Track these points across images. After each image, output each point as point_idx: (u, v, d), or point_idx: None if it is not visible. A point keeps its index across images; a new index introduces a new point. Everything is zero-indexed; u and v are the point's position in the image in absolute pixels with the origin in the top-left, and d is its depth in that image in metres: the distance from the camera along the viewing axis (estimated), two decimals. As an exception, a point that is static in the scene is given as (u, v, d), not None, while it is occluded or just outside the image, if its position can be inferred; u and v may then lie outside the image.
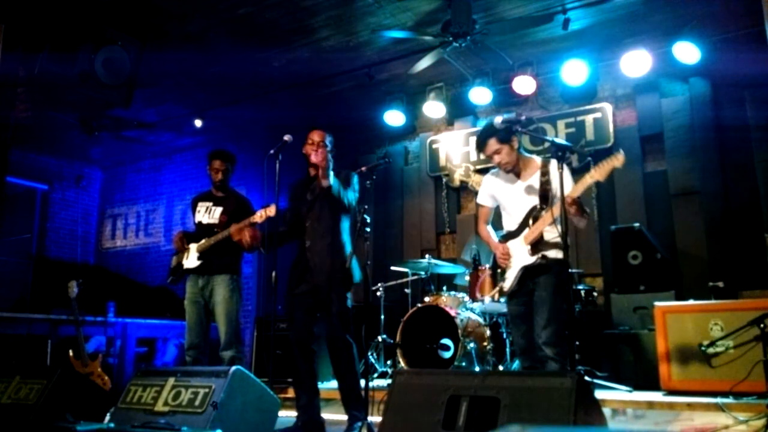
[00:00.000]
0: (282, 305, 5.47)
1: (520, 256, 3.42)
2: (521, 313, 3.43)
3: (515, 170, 3.48)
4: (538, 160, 3.51)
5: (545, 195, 3.39)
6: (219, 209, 4.45)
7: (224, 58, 6.15)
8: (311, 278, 3.70)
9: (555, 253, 3.37)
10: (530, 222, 3.40)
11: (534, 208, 3.41)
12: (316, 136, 3.78)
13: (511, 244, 3.47)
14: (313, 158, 3.64)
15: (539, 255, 3.33)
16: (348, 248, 3.78)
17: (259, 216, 3.92)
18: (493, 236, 3.63)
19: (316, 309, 3.73)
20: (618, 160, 3.16)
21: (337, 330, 3.64)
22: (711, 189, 5.57)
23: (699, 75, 5.75)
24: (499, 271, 3.51)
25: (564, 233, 3.10)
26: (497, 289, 3.52)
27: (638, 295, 5.04)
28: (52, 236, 8.83)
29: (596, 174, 3.20)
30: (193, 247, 4.37)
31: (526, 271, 3.38)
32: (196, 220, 4.51)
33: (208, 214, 4.47)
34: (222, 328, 4.22)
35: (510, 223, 3.55)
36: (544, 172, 3.42)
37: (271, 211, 3.88)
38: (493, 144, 3.43)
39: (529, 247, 3.37)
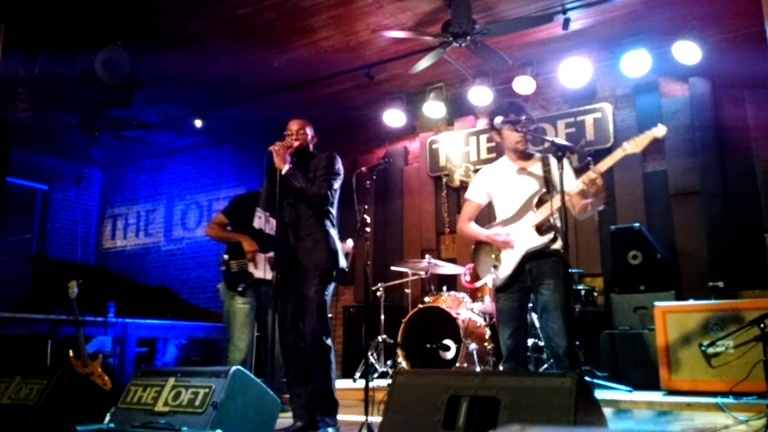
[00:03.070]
0: None
1: (521, 240, 3.25)
2: (513, 309, 3.25)
3: (522, 154, 3.37)
4: (537, 155, 3.45)
5: (548, 181, 3.28)
6: None
7: (224, 58, 6.16)
8: (281, 267, 3.65)
9: (559, 244, 3.22)
10: (534, 206, 3.27)
11: (538, 192, 3.28)
12: (293, 124, 3.80)
13: (508, 229, 3.32)
14: (296, 144, 3.71)
15: (549, 237, 3.16)
16: (321, 233, 3.63)
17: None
18: (481, 229, 3.45)
19: (294, 303, 3.63)
20: (660, 130, 3.05)
21: (308, 328, 3.54)
22: (711, 189, 5.57)
23: (699, 75, 5.74)
24: (492, 256, 3.33)
25: (564, 232, 3.01)
26: (491, 277, 3.31)
27: (638, 295, 5.03)
28: (52, 236, 8.84)
29: (632, 146, 3.08)
30: (263, 258, 4.33)
31: (528, 257, 3.22)
32: (256, 225, 4.41)
33: (268, 224, 4.42)
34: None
35: (507, 210, 3.39)
36: (545, 163, 3.34)
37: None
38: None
39: (534, 230, 3.23)
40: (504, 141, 3.43)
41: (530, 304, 3.44)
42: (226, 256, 4.50)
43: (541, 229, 3.23)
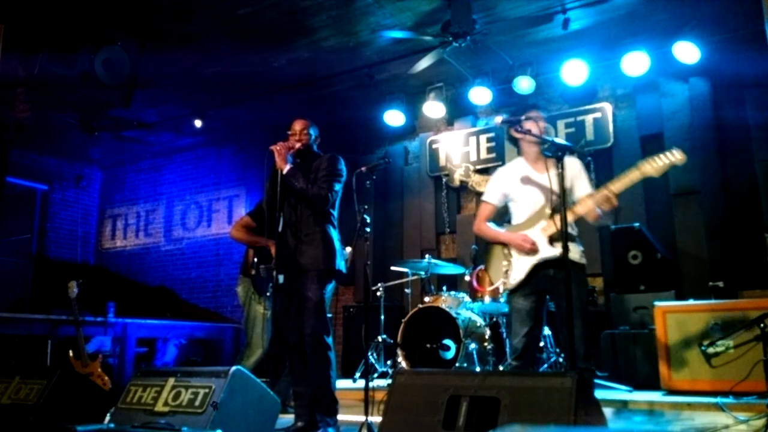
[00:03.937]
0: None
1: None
2: (531, 308, 3.29)
3: (539, 156, 3.42)
4: (553, 157, 3.41)
5: (562, 187, 3.24)
6: None
7: (224, 58, 6.16)
8: (281, 268, 3.64)
9: (578, 255, 3.28)
10: (546, 214, 3.29)
11: (552, 199, 3.30)
12: (297, 125, 3.80)
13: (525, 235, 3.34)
14: (298, 146, 3.71)
15: (560, 248, 3.15)
16: (319, 233, 3.64)
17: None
18: (501, 230, 3.48)
19: (295, 303, 3.62)
20: (677, 158, 3.05)
21: (308, 327, 3.54)
22: (711, 189, 5.57)
23: (699, 75, 5.74)
24: (504, 263, 3.37)
25: (564, 233, 2.97)
26: (501, 281, 3.37)
27: (638, 295, 5.03)
28: (52, 236, 8.84)
29: (651, 170, 3.08)
30: None
31: (542, 265, 3.25)
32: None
33: None
34: None
35: (520, 215, 3.43)
36: (561, 167, 3.28)
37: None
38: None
39: (546, 239, 3.25)
40: (524, 139, 3.44)
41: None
42: (255, 259, 4.53)
43: (552, 239, 3.25)
